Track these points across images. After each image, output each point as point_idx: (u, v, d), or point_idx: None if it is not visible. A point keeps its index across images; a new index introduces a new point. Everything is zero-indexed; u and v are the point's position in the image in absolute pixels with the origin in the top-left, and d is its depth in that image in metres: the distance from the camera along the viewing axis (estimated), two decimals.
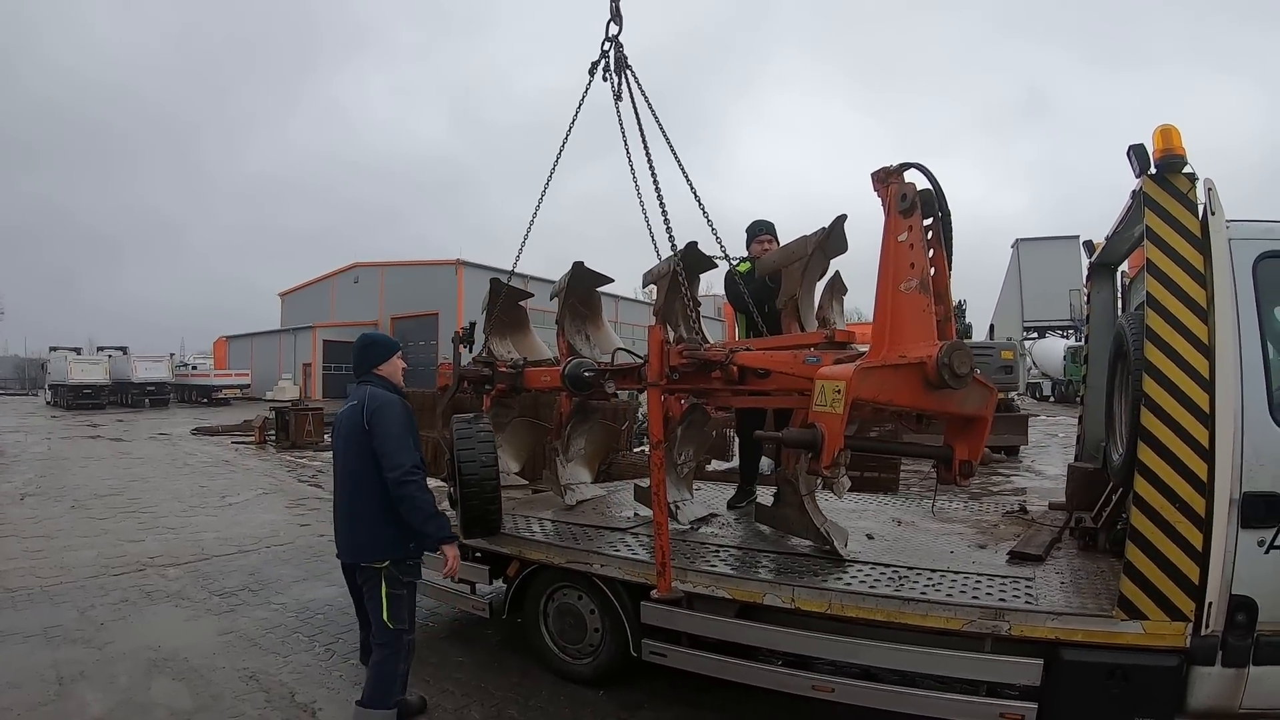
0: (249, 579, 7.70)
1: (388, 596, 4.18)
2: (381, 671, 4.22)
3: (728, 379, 4.63)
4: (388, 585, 4.18)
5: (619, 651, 4.89)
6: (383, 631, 4.20)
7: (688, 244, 5.33)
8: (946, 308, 3.97)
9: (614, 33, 5.62)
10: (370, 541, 4.20)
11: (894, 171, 3.93)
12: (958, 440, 3.83)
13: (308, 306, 56.53)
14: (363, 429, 4.15)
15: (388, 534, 4.18)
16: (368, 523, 4.19)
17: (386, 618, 4.18)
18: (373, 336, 4.67)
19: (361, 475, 4.20)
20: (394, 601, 4.20)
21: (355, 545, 4.26)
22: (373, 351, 4.50)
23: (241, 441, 22.28)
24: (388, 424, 4.14)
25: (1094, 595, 3.96)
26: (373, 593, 4.22)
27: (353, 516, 4.26)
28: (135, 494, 13.01)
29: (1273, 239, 3.75)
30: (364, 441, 4.16)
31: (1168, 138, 3.72)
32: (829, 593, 4.13)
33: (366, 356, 4.48)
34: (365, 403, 4.21)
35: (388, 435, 4.12)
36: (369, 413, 4.16)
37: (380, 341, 4.63)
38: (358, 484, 4.23)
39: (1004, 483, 13.76)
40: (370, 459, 4.14)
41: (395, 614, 4.20)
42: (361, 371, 4.47)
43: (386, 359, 4.50)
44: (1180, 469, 3.51)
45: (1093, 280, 6.04)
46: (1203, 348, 3.54)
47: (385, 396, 4.28)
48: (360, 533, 4.22)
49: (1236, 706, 3.56)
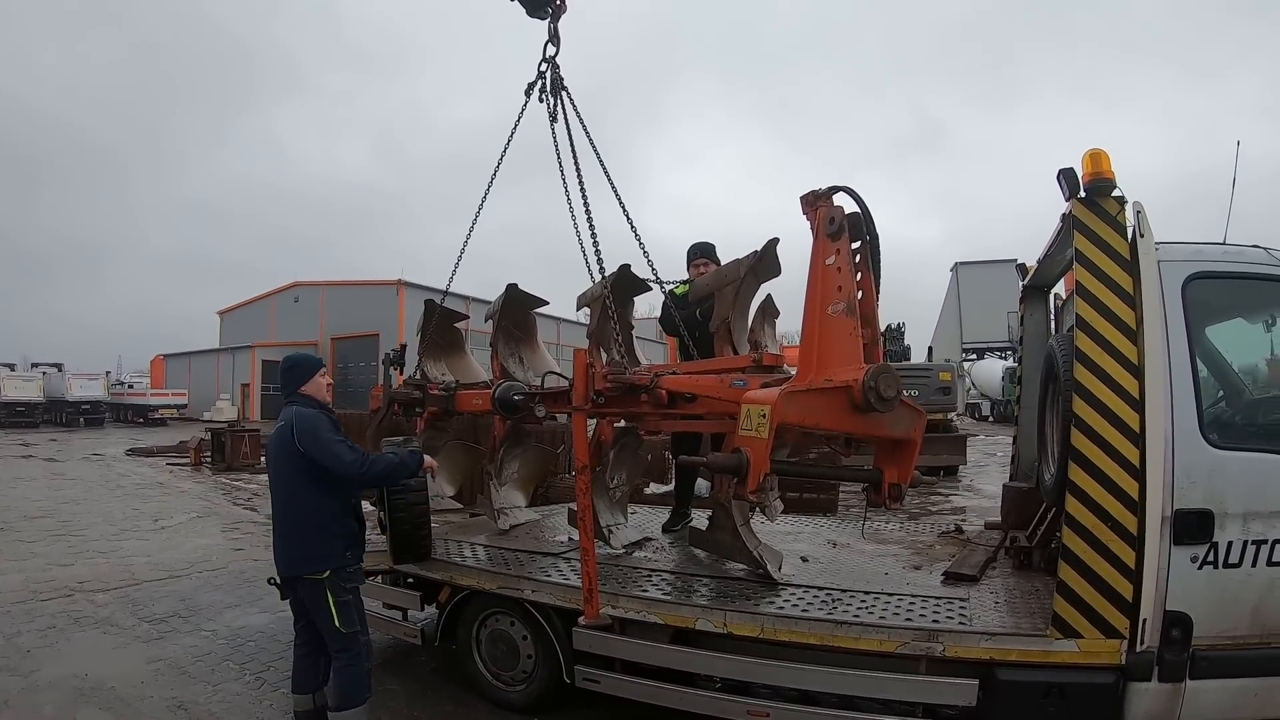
0: (180, 605, 7.47)
1: (335, 604, 4.23)
2: (347, 675, 4.29)
3: (656, 403, 4.57)
4: (333, 594, 4.24)
5: (552, 678, 4.78)
6: (337, 638, 4.26)
7: (620, 266, 5.27)
8: (874, 331, 3.96)
9: (551, 54, 5.58)
10: (308, 554, 4.25)
11: (822, 195, 3.90)
12: (887, 463, 3.81)
13: (247, 326, 55.32)
14: (294, 447, 4.20)
15: (325, 545, 4.27)
16: (304, 537, 4.26)
17: (338, 624, 4.23)
18: (295, 358, 4.71)
19: (295, 491, 4.28)
20: (342, 608, 4.26)
21: (293, 558, 4.30)
22: (296, 372, 4.55)
23: (177, 463, 21.65)
24: (319, 437, 4.22)
25: (1029, 614, 3.97)
26: (319, 604, 4.26)
27: (289, 532, 4.32)
28: (66, 516, 12.63)
29: (1202, 260, 3.82)
30: (295, 458, 4.21)
31: (1097, 161, 3.75)
32: (761, 617, 4.09)
33: (291, 378, 4.54)
34: (293, 422, 4.25)
35: (323, 446, 4.20)
36: (298, 434, 4.21)
37: (302, 362, 4.66)
38: (291, 500, 4.30)
39: (943, 502, 13.88)
40: (302, 474, 4.23)
41: (345, 618, 4.26)
42: (288, 392, 4.53)
43: (309, 378, 4.54)
44: (1111, 488, 3.53)
45: (1026, 303, 6.10)
46: (1132, 368, 3.58)
47: (308, 414, 4.33)
48: (297, 546, 4.28)
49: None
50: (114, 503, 14.34)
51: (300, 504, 4.27)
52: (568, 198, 5.35)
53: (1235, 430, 4.05)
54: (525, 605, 4.84)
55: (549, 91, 5.56)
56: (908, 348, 25.91)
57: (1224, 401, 4.23)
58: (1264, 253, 3.86)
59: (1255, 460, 3.63)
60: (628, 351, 5.28)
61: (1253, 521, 3.53)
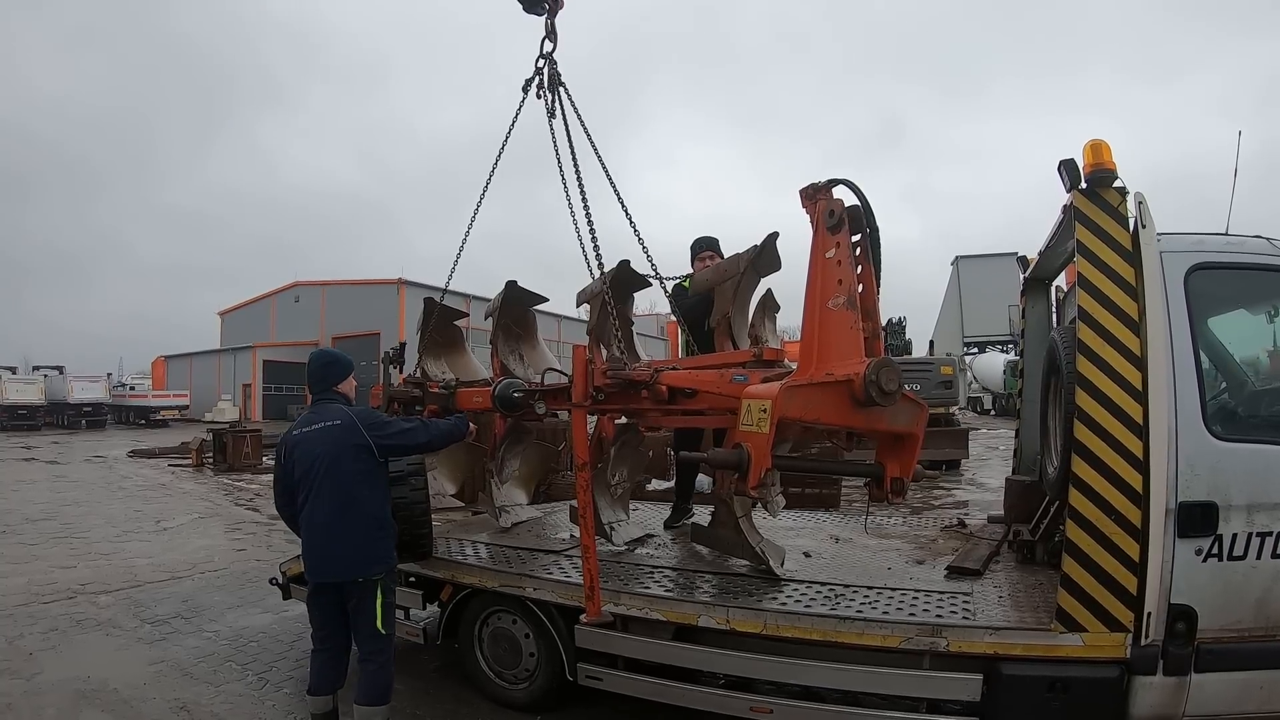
0: (182, 606, 7.46)
1: (383, 606, 4.24)
2: (379, 677, 4.28)
3: (657, 399, 4.55)
4: (383, 595, 4.26)
5: (555, 676, 4.76)
6: (376, 639, 4.25)
7: (619, 262, 5.25)
8: (875, 324, 3.94)
9: (548, 50, 5.53)
10: (368, 556, 4.23)
11: (822, 188, 3.87)
12: (889, 458, 3.77)
13: (248, 326, 55.45)
14: (358, 444, 4.19)
15: (382, 546, 4.31)
16: (362, 539, 4.22)
17: (381, 625, 4.24)
18: (331, 354, 4.66)
19: (353, 491, 4.21)
20: (388, 610, 4.29)
21: (357, 561, 4.22)
22: (334, 369, 4.50)
23: (179, 464, 21.69)
24: (391, 426, 4.36)
25: (1032, 608, 3.95)
26: (366, 606, 4.23)
27: (346, 535, 4.21)
28: (68, 518, 12.64)
29: (1204, 251, 3.79)
30: (360, 457, 4.20)
31: (1098, 152, 3.72)
32: (764, 613, 4.07)
33: (328, 374, 4.47)
34: (356, 419, 4.25)
35: (399, 432, 4.33)
36: (370, 428, 4.24)
37: (340, 359, 4.61)
38: (349, 501, 4.20)
39: (945, 496, 13.88)
40: (366, 473, 4.22)
41: (388, 620, 4.29)
42: (322, 389, 4.45)
43: (346, 376, 4.52)
44: (1115, 480, 3.51)
45: (1027, 295, 6.08)
46: (1135, 360, 3.55)
47: (365, 410, 4.48)
48: (357, 549, 4.21)
49: (1179, 715, 3.56)
50: (116, 504, 14.36)
51: (362, 504, 4.21)
52: (566, 194, 5.32)
53: (1239, 422, 4.02)
54: (527, 603, 4.82)
55: (546, 88, 5.53)
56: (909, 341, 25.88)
57: (1227, 393, 4.20)
58: (1266, 243, 3.84)
59: (1259, 452, 3.61)
60: (628, 347, 5.26)
61: (1257, 513, 3.51)
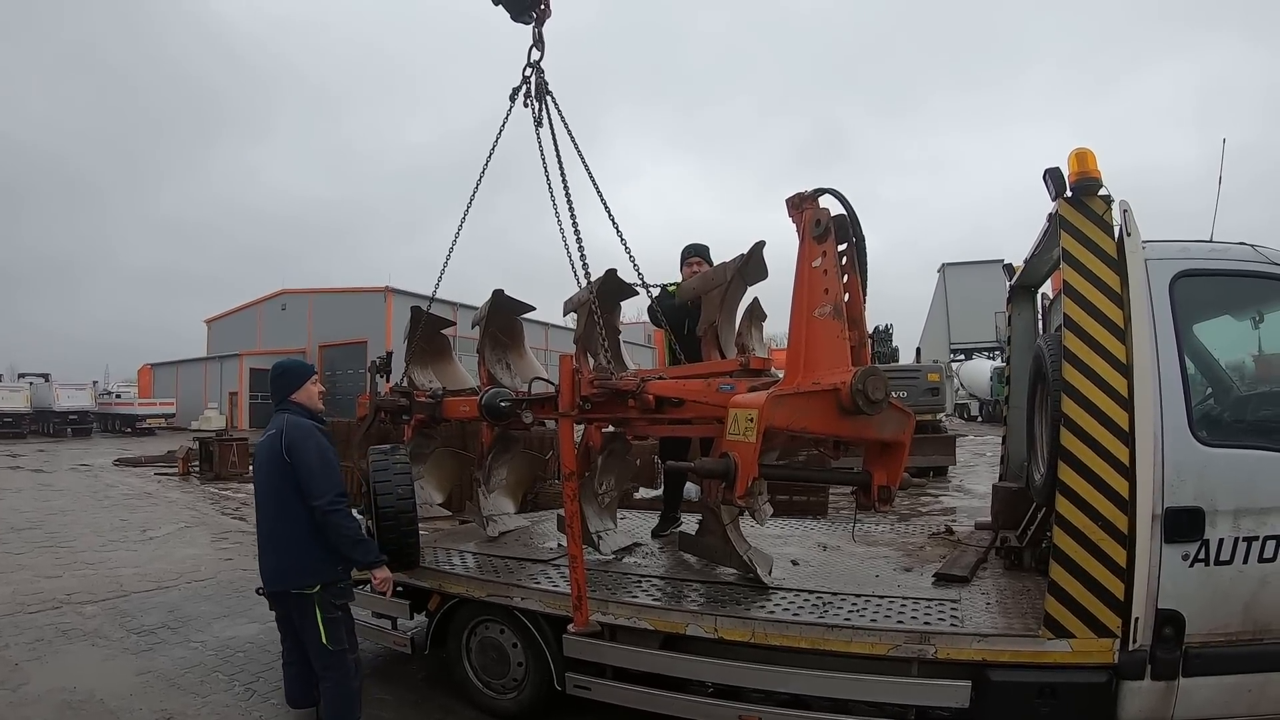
0: (168, 616, 7.39)
1: (324, 621, 4.15)
2: (334, 695, 4.23)
3: (644, 408, 4.54)
4: (321, 610, 4.15)
5: (543, 685, 4.74)
6: (324, 655, 4.17)
7: (606, 271, 5.24)
8: (861, 333, 3.95)
9: (535, 58, 5.52)
10: (298, 568, 4.16)
11: (808, 197, 3.89)
12: (876, 466, 3.79)
13: (234, 333, 55.08)
14: (282, 458, 4.13)
15: (315, 559, 4.16)
16: (294, 550, 4.16)
17: (326, 641, 4.14)
18: (286, 364, 4.61)
19: (284, 503, 4.17)
20: (330, 625, 4.17)
21: (282, 572, 4.21)
22: (287, 379, 4.46)
23: (165, 473, 21.48)
24: (306, 454, 4.13)
25: (1020, 615, 3.95)
26: (307, 620, 4.17)
27: (277, 545, 4.21)
28: (54, 527, 12.50)
29: (1189, 258, 3.82)
30: (284, 469, 4.13)
31: (1083, 161, 3.74)
32: (752, 621, 4.06)
33: (282, 384, 4.45)
34: (284, 431, 4.19)
35: (307, 465, 4.11)
36: (287, 443, 4.14)
37: (292, 368, 4.56)
38: (281, 511, 4.19)
39: (933, 503, 13.89)
40: (291, 486, 4.13)
41: (334, 636, 4.17)
42: (279, 399, 4.45)
43: (301, 385, 4.45)
44: (1101, 487, 3.52)
45: (1013, 303, 6.11)
46: (1121, 367, 3.56)
47: (302, 425, 4.26)
48: (287, 560, 4.18)
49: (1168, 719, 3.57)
50: (102, 513, 14.20)
51: (290, 515, 4.15)
52: (553, 202, 5.32)
53: (1224, 427, 4.05)
54: (515, 612, 4.80)
55: (534, 96, 5.52)
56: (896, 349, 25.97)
57: (1212, 399, 4.23)
58: (1250, 249, 3.87)
59: (1244, 457, 3.63)
60: (614, 356, 5.26)
61: (1243, 518, 3.53)
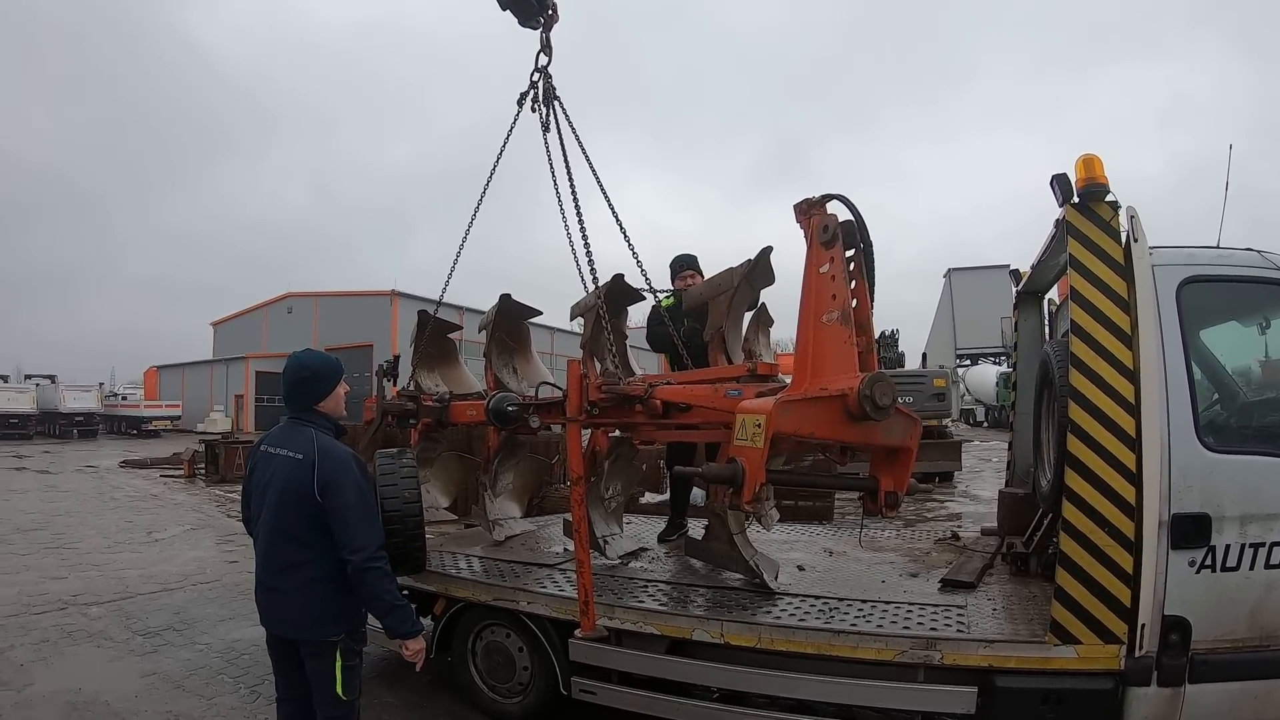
0: (174, 618, 7.40)
1: (342, 669, 3.49)
2: None
3: (651, 413, 4.55)
4: (343, 659, 3.50)
5: (549, 690, 4.74)
6: (335, 705, 3.50)
7: (613, 276, 5.26)
8: (868, 339, 3.96)
9: (543, 64, 5.54)
10: (322, 616, 3.46)
11: (816, 203, 3.90)
12: (883, 471, 3.80)
13: (240, 336, 55.19)
14: (314, 498, 3.36)
15: (342, 604, 3.49)
16: (309, 599, 3.44)
17: (341, 691, 3.48)
18: (311, 362, 3.69)
19: (305, 543, 3.43)
20: (348, 673, 3.52)
21: (303, 621, 3.48)
22: (316, 384, 3.62)
23: (170, 475, 21.54)
24: (346, 495, 3.38)
25: (1026, 621, 3.94)
26: (323, 667, 3.49)
27: (294, 587, 3.46)
28: (60, 529, 12.54)
29: (1196, 264, 3.81)
30: (313, 508, 3.37)
31: (1090, 167, 3.74)
32: (758, 627, 4.05)
33: (306, 390, 3.60)
34: (316, 463, 3.39)
35: (346, 508, 3.37)
36: (321, 482, 3.36)
37: (322, 370, 3.67)
38: (301, 551, 3.45)
39: (939, 508, 13.88)
40: (319, 528, 3.39)
41: (350, 685, 3.53)
42: (298, 407, 3.60)
43: (331, 391, 3.65)
44: (1108, 493, 3.52)
45: (1020, 308, 6.10)
46: (1128, 373, 3.56)
47: (336, 455, 3.46)
48: (310, 607, 3.45)
49: None
50: (107, 515, 14.25)
51: (312, 556, 3.43)
52: (560, 208, 5.34)
53: (1231, 433, 4.03)
54: (521, 617, 4.80)
55: (541, 101, 5.54)
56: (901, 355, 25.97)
57: (1219, 405, 4.22)
58: (1257, 255, 3.86)
59: (1251, 463, 3.62)
60: (622, 361, 5.27)
61: (1250, 524, 3.52)
